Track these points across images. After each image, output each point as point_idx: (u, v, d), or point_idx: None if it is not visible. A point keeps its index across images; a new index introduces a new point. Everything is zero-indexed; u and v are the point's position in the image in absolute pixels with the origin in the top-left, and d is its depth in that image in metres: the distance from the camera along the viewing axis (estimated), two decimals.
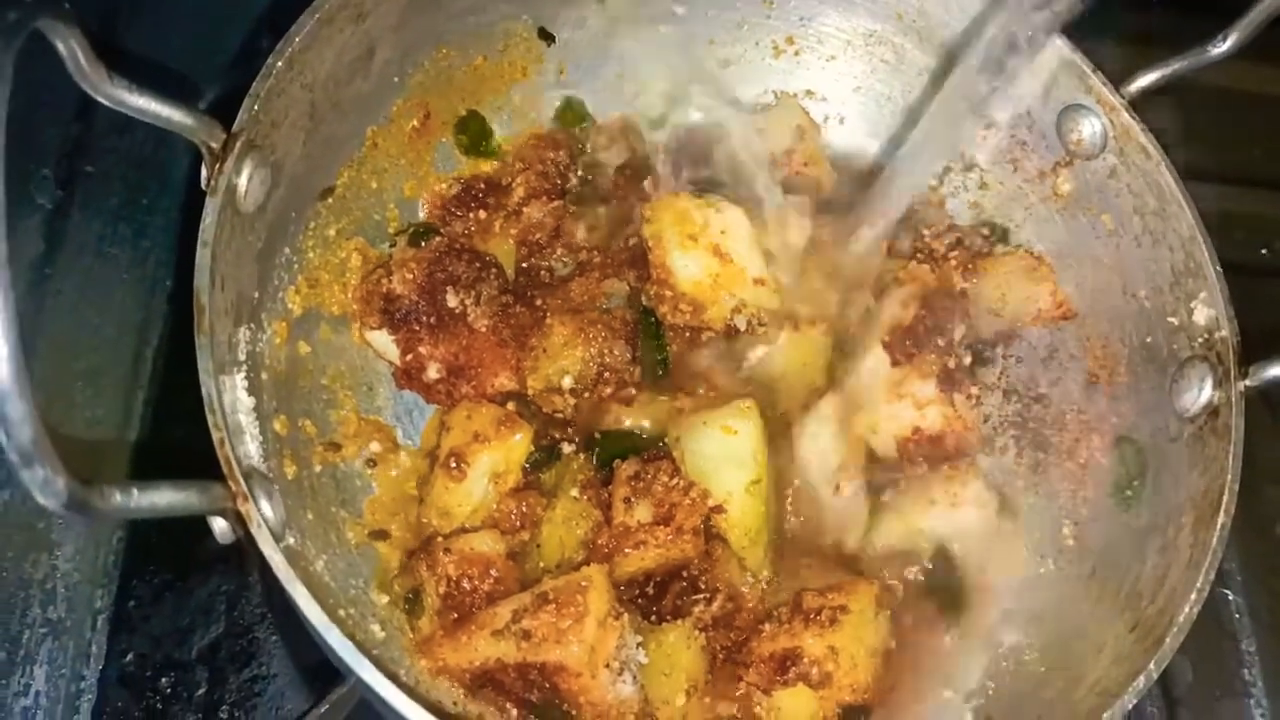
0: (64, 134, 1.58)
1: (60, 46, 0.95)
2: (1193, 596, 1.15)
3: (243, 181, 1.13)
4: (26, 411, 0.76)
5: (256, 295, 1.24)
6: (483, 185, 1.48)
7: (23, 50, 0.83)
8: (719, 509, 1.25)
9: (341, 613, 1.15)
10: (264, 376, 1.23)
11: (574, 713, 1.17)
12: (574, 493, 1.27)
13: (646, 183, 1.51)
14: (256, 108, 1.14)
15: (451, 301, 1.33)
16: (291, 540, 1.11)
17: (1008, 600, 1.36)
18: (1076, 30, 1.42)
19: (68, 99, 1.57)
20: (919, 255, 1.42)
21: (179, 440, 1.03)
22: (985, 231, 1.52)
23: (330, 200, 1.36)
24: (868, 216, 1.40)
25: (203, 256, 1.07)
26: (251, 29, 1.59)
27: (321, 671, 1.25)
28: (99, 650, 1.33)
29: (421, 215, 1.48)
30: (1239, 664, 1.59)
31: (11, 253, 0.76)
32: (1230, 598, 1.63)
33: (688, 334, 1.39)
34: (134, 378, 1.47)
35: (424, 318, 1.32)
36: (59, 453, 0.79)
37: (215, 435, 0.99)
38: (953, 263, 1.43)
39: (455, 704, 1.17)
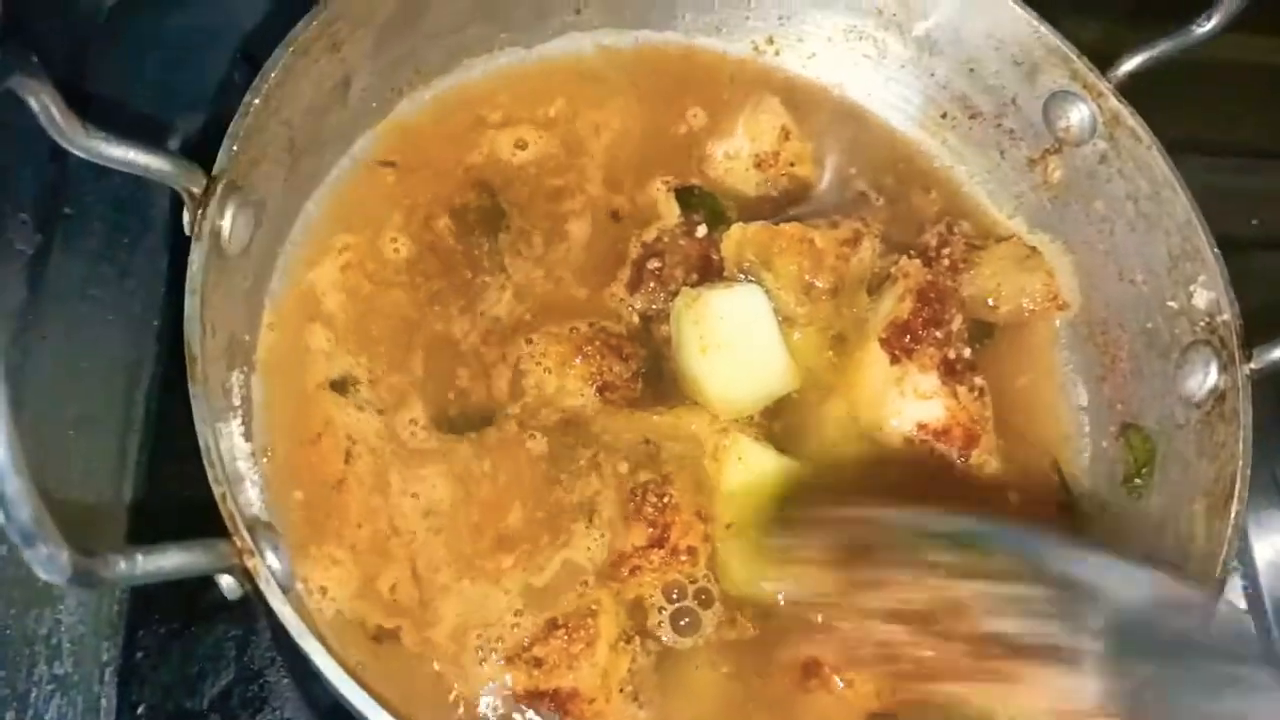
0: (40, 177, 1.55)
1: (33, 103, 0.94)
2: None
3: (226, 224, 1.11)
4: (25, 488, 0.75)
5: (248, 337, 1.22)
6: None
7: None
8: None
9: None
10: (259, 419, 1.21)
11: None
12: None
13: None
14: (235, 148, 1.11)
15: None
16: (299, 586, 1.10)
17: None
18: (1059, 13, 1.41)
19: (42, 143, 1.54)
20: (911, 251, 1.40)
21: (177, 485, 1.00)
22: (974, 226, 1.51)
23: None
24: None
25: (191, 305, 1.04)
26: (225, 62, 1.56)
27: (337, 714, 1.24)
28: (109, 704, 1.29)
29: None
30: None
31: None
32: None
33: None
34: (127, 422, 1.43)
35: None
36: (56, 518, 0.77)
37: (217, 490, 0.96)
38: (945, 261, 1.41)
39: None
